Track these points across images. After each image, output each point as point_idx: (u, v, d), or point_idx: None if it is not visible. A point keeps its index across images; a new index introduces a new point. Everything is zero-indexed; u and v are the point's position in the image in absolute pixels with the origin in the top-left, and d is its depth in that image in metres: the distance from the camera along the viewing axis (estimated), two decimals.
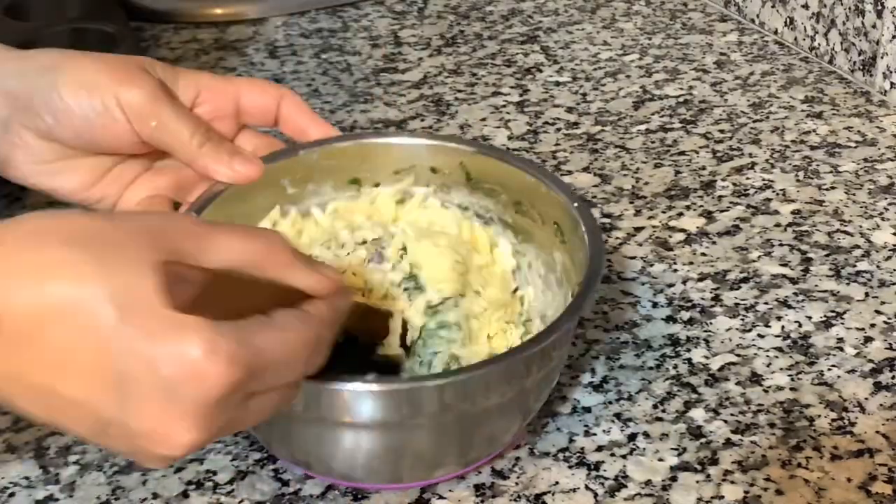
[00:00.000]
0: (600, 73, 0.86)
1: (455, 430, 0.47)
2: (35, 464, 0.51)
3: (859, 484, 0.49)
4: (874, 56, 0.81)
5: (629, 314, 0.60)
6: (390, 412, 0.45)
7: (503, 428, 0.49)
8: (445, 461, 0.49)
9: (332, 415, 0.45)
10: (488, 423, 0.48)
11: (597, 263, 0.49)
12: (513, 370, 0.46)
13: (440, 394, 0.45)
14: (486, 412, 0.47)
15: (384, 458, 0.48)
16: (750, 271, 0.63)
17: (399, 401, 0.45)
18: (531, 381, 0.47)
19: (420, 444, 0.47)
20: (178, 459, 0.37)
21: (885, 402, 0.54)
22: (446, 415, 0.46)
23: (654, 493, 0.49)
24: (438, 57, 0.89)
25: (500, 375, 0.46)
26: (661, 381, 0.55)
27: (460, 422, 0.47)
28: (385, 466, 0.48)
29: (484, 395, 0.46)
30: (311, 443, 0.48)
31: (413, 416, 0.45)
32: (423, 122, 0.79)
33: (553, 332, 0.46)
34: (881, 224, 0.67)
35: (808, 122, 0.79)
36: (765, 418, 0.53)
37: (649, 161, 0.74)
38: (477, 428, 0.48)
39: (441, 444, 0.48)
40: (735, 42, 0.91)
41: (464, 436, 0.48)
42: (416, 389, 0.45)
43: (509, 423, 0.49)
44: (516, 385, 0.47)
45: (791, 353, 0.57)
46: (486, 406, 0.46)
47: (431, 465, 0.48)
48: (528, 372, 0.47)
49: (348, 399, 0.44)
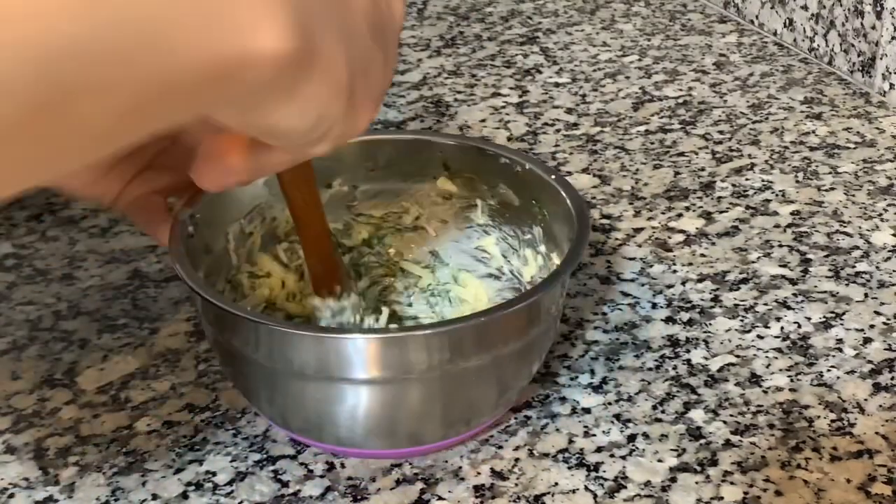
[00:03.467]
0: (600, 75, 0.86)
1: (437, 389, 0.48)
2: (34, 465, 0.51)
3: (859, 485, 0.49)
4: (873, 57, 0.81)
5: (628, 315, 0.60)
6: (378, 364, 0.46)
7: (482, 395, 0.49)
8: (427, 428, 0.49)
9: (325, 369, 0.46)
10: (468, 388, 0.48)
11: (583, 226, 0.51)
12: (493, 328, 0.47)
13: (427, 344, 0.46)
14: (466, 373, 0.47)
15: (369, 417, 0.48)
16: (749, 272, 0.63)
17: (390, 351, 0.46)
18: (511, 347, 0.48)
19: (406, 402, 0.48)
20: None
21: (884, 403, 0.54)
22: (433, 371, 0.46)
23: (654, 494, 0.49)
24: (438, 58, 0.89)
25: (480, 331, 0.47)
26: (661, 381, 0.55)
27: (443, 380, 0.47)
28: (366, 427, 0.49)
29: (465, 352, 0.47)
30: (294, 399, 0.48)
31: (405, 369, 0.46)
32: (422, 122, 0.79)
33: (533, 293, 0.48)
34: (880, 225, 0.67)
35: (807, 123, 0.79)
36: (764, 419, 0.53)
37: (649, 162, 0.74)
38: (458, 391, 0.48)
39: (425, 404, 0.49)
40: (734, 43, 0.91)
41: (447, 399, 0.48)
42: (404, 339, 0.46)
43: (487, 391, 0.49)
44: (492, 349, 0.47)
45: (790, 353, 0.57)
46: (465, 367, 0.47)
47: (414, 430, 0.49)
48: (509, 333, 0.47)
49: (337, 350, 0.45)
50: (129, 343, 0.58)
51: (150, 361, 0.56)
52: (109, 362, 0.57)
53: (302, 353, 0.46)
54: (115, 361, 0.57)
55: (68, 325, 0.59)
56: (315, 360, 0.46)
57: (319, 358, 0.46)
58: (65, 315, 0.60)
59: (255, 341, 0.47)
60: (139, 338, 0.58)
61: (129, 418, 0.53)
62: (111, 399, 0.54)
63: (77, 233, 0.67)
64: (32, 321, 0.59)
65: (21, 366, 0.56)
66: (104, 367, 0.56)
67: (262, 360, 0.47)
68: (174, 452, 0.51)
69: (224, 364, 0.51)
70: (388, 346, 0.46)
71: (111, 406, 0.54)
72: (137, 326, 0.59)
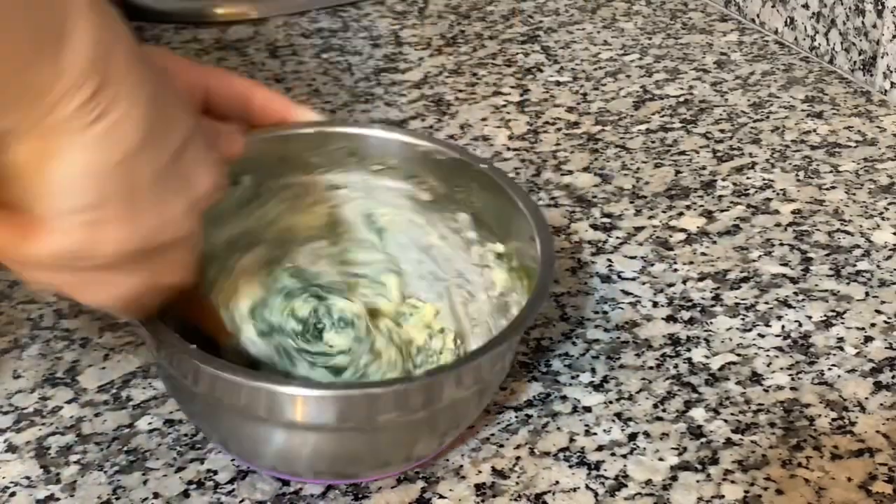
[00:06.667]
0: (601, 73, 0.86)
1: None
2: (36, 463, 0.51)
3: (859, 483, 0.49)
4: (874, 56, 0.81)
5: (629, 314, 0.60)
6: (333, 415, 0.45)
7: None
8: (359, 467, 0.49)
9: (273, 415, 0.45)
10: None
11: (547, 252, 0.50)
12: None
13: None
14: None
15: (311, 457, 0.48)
16: (750, 271, 0.63)
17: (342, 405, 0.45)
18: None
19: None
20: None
21: (885, 402, 0.54)
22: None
23: (655, 492, 0.49)
24: (439, 57, 0.89)
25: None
26: (662, 380, 0.55)
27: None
28: (310, 464, 0.48)
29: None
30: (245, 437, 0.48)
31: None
32: (423, 121, 0.79)
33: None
34: (881, 224, 0.67)
35: (808, 121, 0.79)
36: (765, 418, 0.53)
37: (649, 161, 0.74)
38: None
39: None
40: (735, 42, 0.91)
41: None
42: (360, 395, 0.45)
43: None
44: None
45: (791, 352, 0.57)
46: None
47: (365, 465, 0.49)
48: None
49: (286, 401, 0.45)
50: (131, 342, 0.58)
51: (151, 360, 0.56)
52: (111, 361, 0.57)
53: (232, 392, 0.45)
54: (116, 360, 0.57)
55: (70, 324, 0.59)
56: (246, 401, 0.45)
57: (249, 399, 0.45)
58: (66, 314, 0.60)
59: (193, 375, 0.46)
60: (140, 336, 0.58)
61: (131, 417, 0.53)
62: (112, 398, 0.54)
63: None
64: (34, 320, 0.59)
65: (22, 364, 0.56)
66: (105, 365, 0.56)
67: (196, 391, 0.46)
68: (175, 451, 0.51)
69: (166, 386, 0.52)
70: (348, 401, 0.45)
71: (112, 405, 0.54)
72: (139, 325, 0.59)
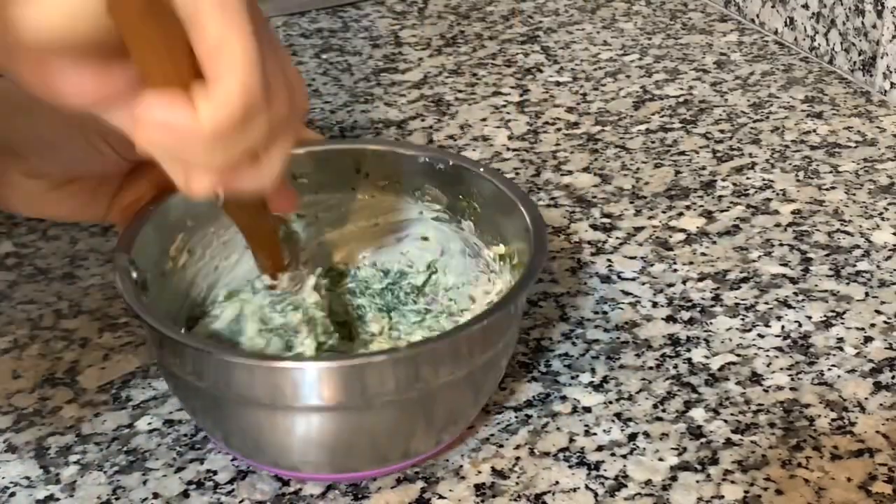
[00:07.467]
0: (600, 73, 0.86)
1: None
2: (35, 463, 0.51)
3: (859, 483, 0.49)
4: (874, 56, 0.81)
5: (629, 314, 0.60)
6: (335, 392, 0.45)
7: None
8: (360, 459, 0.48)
9: (275, 397, 0.45)
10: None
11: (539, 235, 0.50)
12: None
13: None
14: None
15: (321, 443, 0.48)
16: (750, 271, 0.63)
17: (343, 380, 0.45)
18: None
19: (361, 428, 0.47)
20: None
21: (885, 402, 0.54)
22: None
23: (655, 492, 0.49)
24: (439, 57, 0.89)
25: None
26: (662, 380, 0.55)
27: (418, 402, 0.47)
28: (321, 453, 0.48)
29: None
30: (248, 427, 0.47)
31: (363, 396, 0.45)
32: (423, 122, 0.79)
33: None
34: (881, 224, 0.67)
35: (808, 122, 0.79)
36: (765, 418, 0.53)
37: (649, 161, 0.74)
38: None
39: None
40: (735, 42, 0.91)
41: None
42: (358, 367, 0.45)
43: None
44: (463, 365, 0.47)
45: (791, 352, 0.57)
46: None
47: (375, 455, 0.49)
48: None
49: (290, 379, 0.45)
50: (130, 342, 0.58)
51: (150, 360, 0.56)
52: (110, 361, 0.57)
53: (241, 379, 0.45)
54: (115, 360, 0.57)
55: (69, 324, 0.59)
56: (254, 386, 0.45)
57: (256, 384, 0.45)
58: (66, 314, 0.60)
59: (196, 366, 0.46)
60: (140, 337, 0.58)
61: (130, 417, 0.53)
62: (112, 398, 0.54)
63: (78, 232, 0.67)
64: (33, 320, 0.59)
65: (22, 364, 0.56)
66: (105, 365, 0.56)
67: (200, 384, 0.46)
68: (175, 451, 0.51)
69: (169, 385, 0.51)
70: (342, 374, 0.45)
71: (112, 405, 0.54)
72: (138, 325, 0.59)
